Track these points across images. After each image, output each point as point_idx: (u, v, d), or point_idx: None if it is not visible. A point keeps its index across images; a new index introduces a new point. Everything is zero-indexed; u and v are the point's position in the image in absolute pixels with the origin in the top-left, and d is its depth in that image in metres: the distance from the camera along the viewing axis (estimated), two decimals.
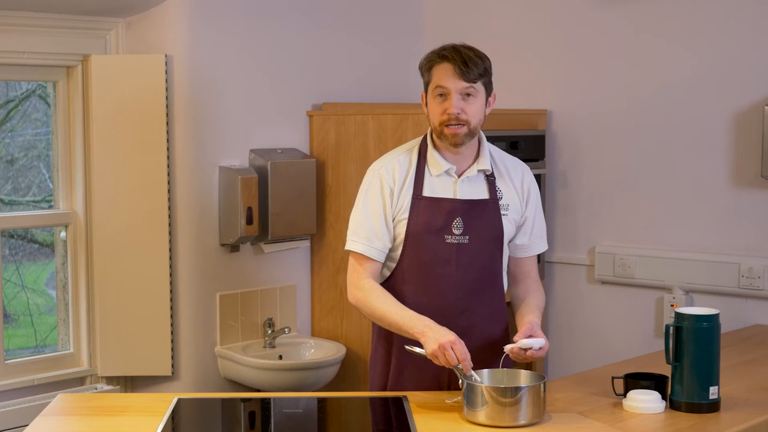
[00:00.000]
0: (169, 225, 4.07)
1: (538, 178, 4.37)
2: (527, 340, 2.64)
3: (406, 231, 2.77)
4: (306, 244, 4.45)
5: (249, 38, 4.21)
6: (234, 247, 4.20)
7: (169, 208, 4.06)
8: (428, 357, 2.60)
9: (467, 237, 2.77)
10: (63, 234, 4.14)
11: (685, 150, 4.03)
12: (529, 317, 2.78)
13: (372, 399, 2.83)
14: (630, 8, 4.16)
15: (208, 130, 4.12)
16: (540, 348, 2.64)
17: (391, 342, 2.84)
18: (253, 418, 2.74)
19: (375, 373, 2.93)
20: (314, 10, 4.44)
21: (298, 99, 4.41)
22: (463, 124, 2.73)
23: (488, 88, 2.78)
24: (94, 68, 4.01)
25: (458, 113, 2.72)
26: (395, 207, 2.78)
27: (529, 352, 2.63)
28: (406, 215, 2.77)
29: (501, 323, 2.88)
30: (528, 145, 4.32)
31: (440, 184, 2.79)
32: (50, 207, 4.18)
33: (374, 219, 2.78)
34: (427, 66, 2.81)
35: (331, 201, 4.40)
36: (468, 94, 2.73)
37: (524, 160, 4.52)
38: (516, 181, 2.87)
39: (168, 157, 4.05)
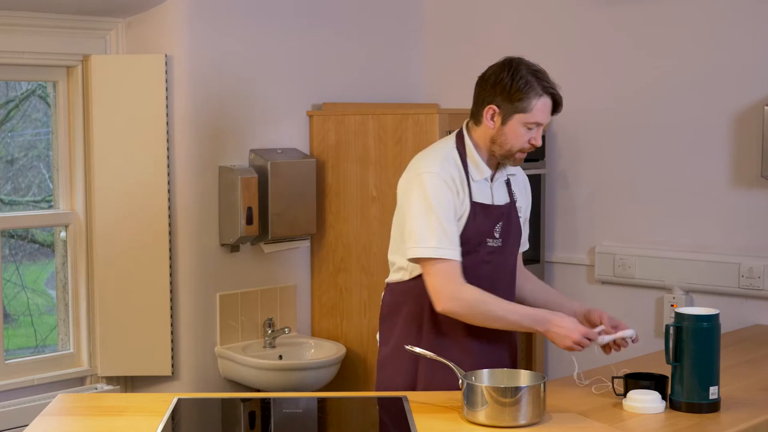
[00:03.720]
0: (169, 225, 4.07)
1: (538, 178, 4.37)
2: (627, 331, 2.73)
3: (462, 235, 2.76)
4: (306, 244, 4.45)
5: (249, 38, 4.21)
6: (234, 247, 4.20)
7: (169, 208, 4.06)
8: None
9: (501, 240, 2.84)
10: (63, 234, 4.14)
11: (685, 150, 4.03)
12: (576, 304, 2.91)
13: (372, 399, 2.83)
14: (630, 8, 4.16)
15: (208, 130, 4.12)
16: (633, 337, 2.74)
17: (419, 344, 2.81)
18: (253, 418, 2.74)
19: (396, 372, 2.90)
20: (314, 10, 4.44)
21: (298, 99, 4.41)
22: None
23: None
24: (94, 68, 4.01)
25: (539, 143, 2.80)
26: (460, 210, 2.77)
27: (623, 342, 2.72)
28: (465, 219, 2.77)
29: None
30: None
31: (480, 189, 2.82)
32: (50, 207, 4.18)
33: (449, 221, 2.72)
34: (527, 93, 2.74)
35: (331, 201, 4.40)
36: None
37: (524, 160, 4.54)
38: (521, 183, 2.96)
39: (168, 157, 4.05)
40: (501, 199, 2.86)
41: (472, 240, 2.78)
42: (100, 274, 4.07)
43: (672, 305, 4.01)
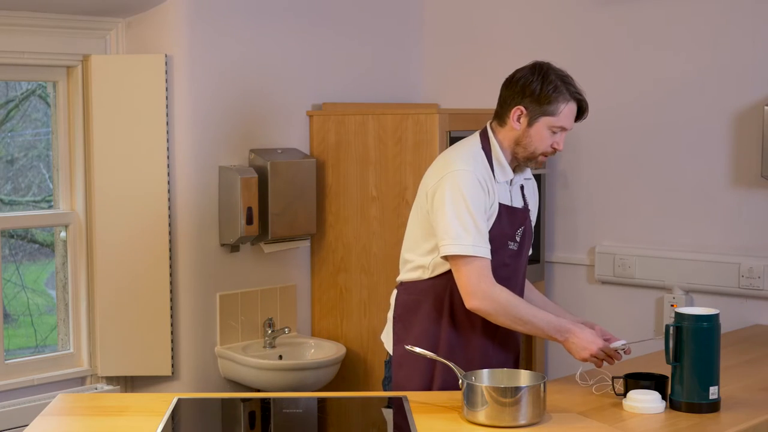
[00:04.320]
0: (169, 225, 4.07)
1: (538, 178, 4.37)
2: (619, 342, 2.77)
3: (490, 235, 2.77)
4: (306, 244, 4.45)
5: (249, 38, 4.21)
6: (234, 247, 4.20)
7: (169, 208, 4.06)
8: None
9: (518, 245, 2.87)
10: (63, 234, 4.14)
11: (685, 150, 4.03)
12: (569, 317, 2.92)
13: (372, 399, 2.83)
14: (630, 9, 4.16)
15: (208, 130, 4.12)
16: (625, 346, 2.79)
17: (438, 342, 2.84)
18: (253, 418, 2.74)
19: (414, 371, 2.90)
20: (314, 10, 4.44)
21: (298, 99, 4.41)
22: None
23: None
24: (94, 68, 4.01)
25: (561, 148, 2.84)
26: (491, 210, 2.79)
27: (617, 355, 2.77)
28: (493, 219, 2.79)
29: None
30: None
31: (503, 191, 2.84)
32: (50, 207, 4.18)
33: (481, 219, 2.74)
34: (556, 98, 2.77)
35: (331, 201, 4.40)
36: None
37: None
38: (532, 188, 2.99)
39: (168, 157, 4.05)
40: (518, 202, 2.89)
41: (495, 242, 2.78)
42: (100, 274, 4.07)
43: (672, 305, 4.01)
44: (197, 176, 4.10)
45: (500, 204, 2.80)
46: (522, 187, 2.93)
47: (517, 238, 2.86)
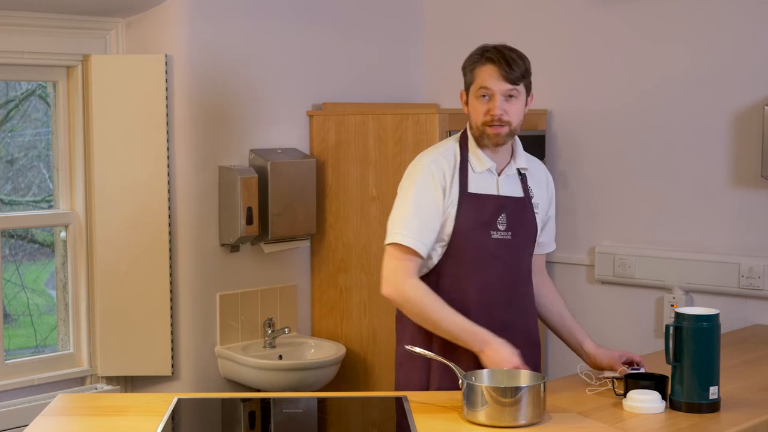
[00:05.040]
0: (169, 225, 4.07)
1: None
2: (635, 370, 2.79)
3: (455, 226, 2.79)
4: (306, 244, 4.45)
5: (249, 38, 4.21)
6: (234, 247, 4.20)
7: (169, 208, 4.06)
8: None
9: (510, 233, 2.83)
10: (63, 234, 4.14)
11: (685, 150, 4.03)
12: (589, 342, 2.96)
13: (372, 399, 2.83)
14: (630, 8, 4.16)
15: (208, 130, 4.12)
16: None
17: (431, 342, 2.83)
18: (253, 418, 2.74)
19: (412, 371, 2.91)
20: (314, 10, 4.44)
21: (298, 99, 4.41)
22: (505, 125, 2.78)
23: (528, 89, 2.84)
24: (94, 68, 4.01)
25: (501, 114, 2.76)
26: (448, 201, 2.79)
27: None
28: (454, 211, 2.79)
29: (533, 316, 2.97)
30: (528, 145, 4.27)
31: (483, 181, 2.83)
32: (50, 207, 4.18)
33: (426, 214, 2.76)
34: (471, 66, 2.83)
35: (331, 201, 4.40)
36: (510, 96, 2.78)
37: None
38: (542, 180, 2.96)
39: (168, 157, 4.05)
40: (511, 191, 2.86)
41: (468, 230, 2.78)
42: (100, 274, 4.07)
43: (672, 305, 4.01)
44: (197, 176, 4.10)
45: (468, 194, 2.79)
46: (524, 178, 2.90)
47: (500, 226, 2.81)
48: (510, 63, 2.76)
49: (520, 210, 2.86)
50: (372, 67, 4.68)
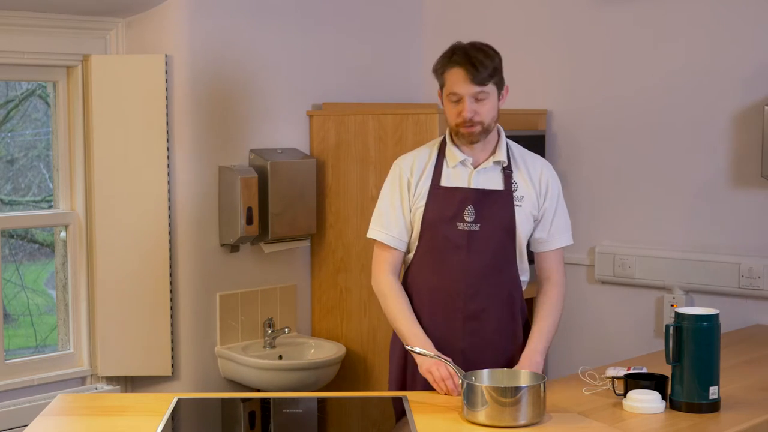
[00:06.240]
0: (169, 225, 4.07)
1: None
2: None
3: (422, 218, 2.88)
4: (306, 244, 4.45)
5: (249, 38, 4.21)
6: (234, 247, 4.20)
7: (169, 208, 4.06)
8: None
9: (478, 225, 2.86)
10: (63, 234, 4.14)
11: (685, 150, 4.03)
12: (530, 344, 2.89)
13: (372, 399, 2.83)
14: (630, 8, 4.16)
15: (208, 130, 4.12)
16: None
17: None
18: (253, 418, 2.74)
19: (392, 368, 3.02)
20: (314, 9, 4.44)
21: (298, 99, 4.41)
22: (477, 125, 2.82)
23: (500, 85, 2.86)
24: (94, 68, 4.01)
25: (471, 116, 2.80)
26: (413, 196, 2.90)
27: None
28: (423, 203, 2.88)
29: (512, 309, 2.96)
30: (528, 145, 4.28)
31: (457, 175, 2.89)
32: (50, 207, 4.18)
33: (391, 208, 2.92)
34: (440, 70, 2.86)
35: (331, 201, 4.40)
36: (479, 98, 2.80)
37: None
38: (534, 176, 2.95)
39: (168, 157, 4.05)
40: (486, 184, 2.88)
41: (434, 221, 2.87)
42: (100, 274, 4.07)
43: (672, 305, 4.01)
44: (197, 176, 4.10)
45: (439, 186, 2.87)
46: (509, 173, 2.90)
47: (467, 218, 2.85)
48: (476, 65, 2.78)
49: (493, 202, 2.87)
50: (372, 67, 4.68)
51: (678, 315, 2.59)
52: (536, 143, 4.34)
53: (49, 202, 4.19)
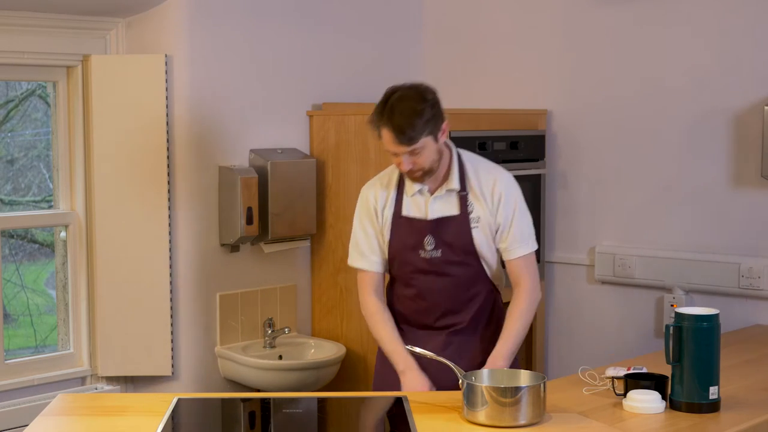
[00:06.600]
0: (169, 225, 4.07)
1: (538, 178, 4.37)
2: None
3: (389, 247, 3.00)
4: (306, 244, 4.45)
5: (249, 38, 4.21)
6: (234, 247, 4.20)
7: (169, 208, 4.06)
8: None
9: (439, 251, 2.95)
10: (63, 234, 4.14)
11: (685, 150, 4.03)
12: (495, 348, 2.93)
13: (372, 399, 2.83)
14: (630, 8, 4.16)
15: (208, 130, 4.12)
16: None
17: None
18: (253, 418, 2.74)
19: (381, 369, 3.09)
20: (314, 10, 4.44)
21: (298, 99, 4.41)
22: (418, 171, 2.88)
23: (435, 131, 2.85)
24: (94, 68, 4.01)
25: (411, 167, 2.87)
26: (380, 223, 3.00)
27: None
28: (389, 233, 2.99)
29: (489, 318, 3.05)
30: (528, 145, 4.32)
31: (415, 204, 2.97)
32: (50, 207, 4.18)
33: (365, 237, 3.04)
34: (374, 125, 2.89)
35: (331, 201, 4.40)
36: (415, 152, 2.83)
37: (524, 161, 4.49)
38: (486, 191, 2.96)
39: (168, 157, 4.05)
40: (442, 211, 2.94)
41: (399, 250, 2.99)
42: (100, 274, 4.07)
43: (672, 305, 4.01)
44: (197, 176, 4.10)
45: (401, 217, 2.96)
46: (464, 197, 2.93)
47: (427, 247, 2.94)
48: (402, 130, 2.79)
49: (449, 228, 2.94)
50: (372, 67, 4.67)
51: (678, 315, 2.60)
52: (536, 143, 4.35)
53: (49, 202, 4.19)
